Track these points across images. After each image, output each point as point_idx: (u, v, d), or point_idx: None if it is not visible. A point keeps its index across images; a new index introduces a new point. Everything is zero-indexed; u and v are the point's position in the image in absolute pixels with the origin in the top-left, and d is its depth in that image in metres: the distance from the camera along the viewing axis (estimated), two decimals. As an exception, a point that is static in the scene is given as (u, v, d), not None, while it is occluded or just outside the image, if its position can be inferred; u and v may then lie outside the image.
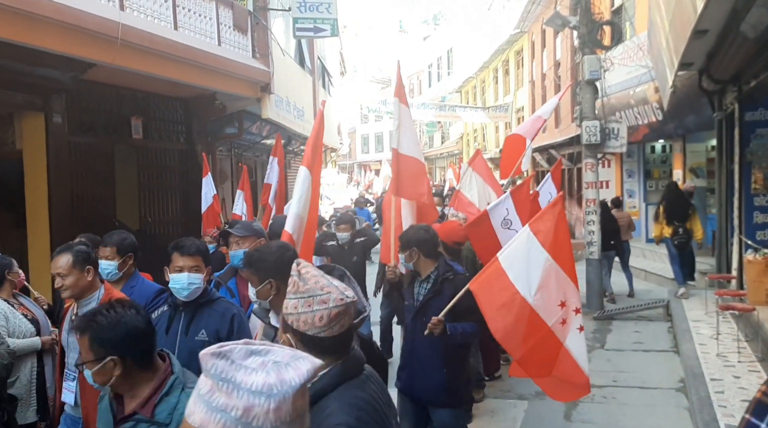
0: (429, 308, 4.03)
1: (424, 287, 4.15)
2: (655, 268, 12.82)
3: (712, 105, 9.82)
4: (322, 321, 1.83)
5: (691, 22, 4.71)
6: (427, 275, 4.14)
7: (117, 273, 3.87)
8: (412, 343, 4.14)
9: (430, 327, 3.84)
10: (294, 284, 1.88)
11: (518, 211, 6.03)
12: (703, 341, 7.37)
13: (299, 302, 1.85)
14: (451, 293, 3.96)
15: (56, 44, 6.33)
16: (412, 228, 4.40)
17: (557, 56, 20.69)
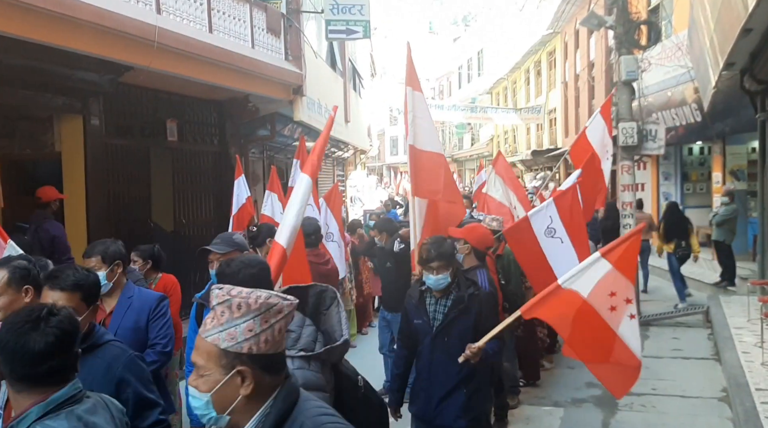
0: (453, 327, 3.68)
1: (443, 304, 3.76)
2: (692, 273, 12.50)
3: (755, 106, 9.55)
4: (280, 333, 1.65)
5: (741, 20, 4.55)
6: (445, 291, 3.75)
7: (107, 285, 3.56)
8: (430, 366, 3.76)
9: (466, 356, 3.49)
10: (239, 307, 1.62)
11: (562, 219, 5.91)
12: (746, 349, 7.14)
13: (255, 321, 1.60)
14: (477, 310, 3.69)
15: (94, 47, 6.42)
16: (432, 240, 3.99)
17: (591, 57, 20.38)
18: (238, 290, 1.67)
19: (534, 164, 26.98)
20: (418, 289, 3.84)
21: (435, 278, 3.66)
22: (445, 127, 46.33)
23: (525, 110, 26.18)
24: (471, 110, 26.86)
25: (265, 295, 1.66)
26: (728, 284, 10.87)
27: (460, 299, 3.69)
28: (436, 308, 3.76)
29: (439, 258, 3.65)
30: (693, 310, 9.58)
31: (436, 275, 3.65)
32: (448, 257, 3.69)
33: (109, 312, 3.59)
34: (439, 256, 3.65)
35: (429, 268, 3.66)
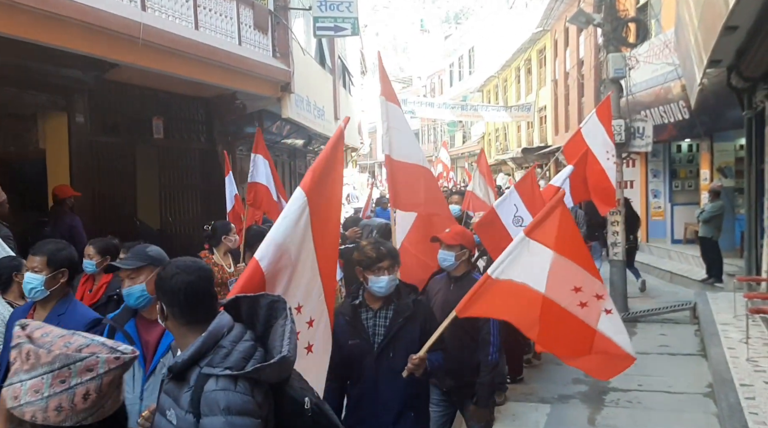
0: (398, 341, 3.28)
1: (382, 316, 3.33)
2: (680, 269, 12.58)
3: (742, 103, 9.59)
4: (87, 399, 1.25)
5: (722, 17, 4.57)
6: (385, 300, 3.33)
7: (43, 291, 3.17)
8: (376, 389, 3.28)
9: (410, 369, 3.12)
10: (27, 356, 1.25)
11: (527, 205, 5.91)
12: (732, 345, 7.18)
13: (44, 380, 1.23)
14: (423, 318, 3.36)
15: (79, 44, 6.37)
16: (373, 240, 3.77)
17: (581, 55, 20.43)
18: (46, 331, 1.31)
19: (524, 162, 27.03)
20: (349, 305, 3.38)
21: (388, 279, 3.25)
22: (436, 124, 46.39)
23: (515, 108, 26.24)
24: (462, 107, 26.91)
25: (75, 344, 1.28)
26: (715, 280, 10.93)
27: (405, 307, 3.31)
28: (375, 322, 3.32)
29: (390, 256, 3.30)
30: (680, 306, 9.62)
31: (388, 276, 3.25)
32: (396, 256, 3.36)
33: None
34: (390, 254, 3.31)
35: (379, 269, 3.24)
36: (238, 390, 1.86)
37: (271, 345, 1.97)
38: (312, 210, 2.80)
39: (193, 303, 2.07)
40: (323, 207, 2.93)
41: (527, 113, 25.51)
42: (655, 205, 15.48)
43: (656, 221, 15.50)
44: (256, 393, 1.89)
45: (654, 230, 15.54)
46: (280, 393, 2.00)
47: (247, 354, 1.93)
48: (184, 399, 1.92)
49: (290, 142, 13.60)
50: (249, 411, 1.86)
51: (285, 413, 2.00)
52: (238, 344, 1.95)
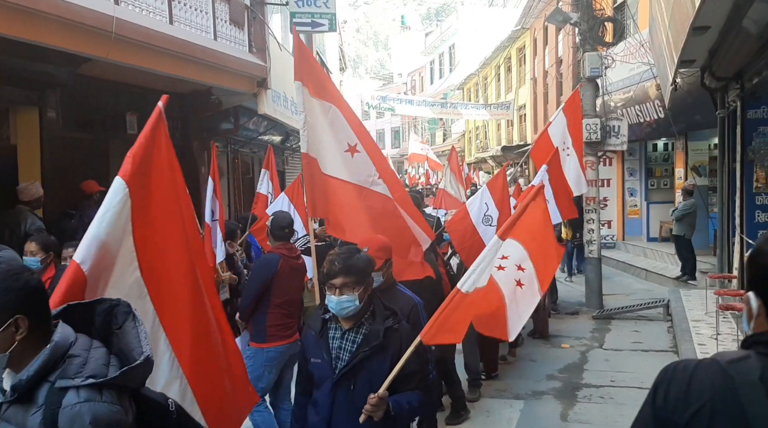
0: (361, 371, 2.80)
1: (350, 339, 2.86)
2: (656, 267, 12.75)
3: (715, 103, 9.71)
4: None
5: (690, 17, 4.62)
6: (356, 322, 2.87)
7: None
8: (329, 422, 2.85)
9: (367, 411, 2.68)
10: None
11: (497, 205, 5.94)
12: (702, 341, 7.29)
13: None
14: (397, 350, 2.84)
15: (51, 39, 6.25)
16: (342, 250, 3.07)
17: (559, 53, 20.59)
18: None
19: (504, 160, 27.17)
20: (320, 317, 2.95)
21: (337, 300, 2.77)
22: (417, 122, 46.46)
23: (495, 106, 26.36)
24: (441, 105, 26.95)
25: None
26: (689, 278, 11.10)
27: (374, 335, 2.82)
28: (341, 343, 2.86)
29: (345, 273, 2.78)
30: (654, 304, 9.75)
31: (338, 297, 2.77)
32: (357, 273, 2.81)
33: None
34: (346, 270, 2.79)
35: (331, 286, 2.80)
36: (105, 400, 1.67)
37: (126, 348, 1.79)
38: (135, 201, 2.45)
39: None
40: (154, 195, 2.57)
41: (507, 111, 25.66)
42: (631, 203, 15.68)
43: (632, 219, 15.70)
44: (123, 400, 1.73)
45: (630, 228, 15.74)
46: (141, 397, 1.85)
47: (104, 360, 1.75)
48: (32, 421, 1.69)
49: (267, 138, 13.51)
50: (118, 422, 1.68)
51: (151, 417, 1.87)
52: (90, 351, 1.75)
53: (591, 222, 10.27)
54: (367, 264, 2.92)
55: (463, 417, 5.69)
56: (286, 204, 7.02)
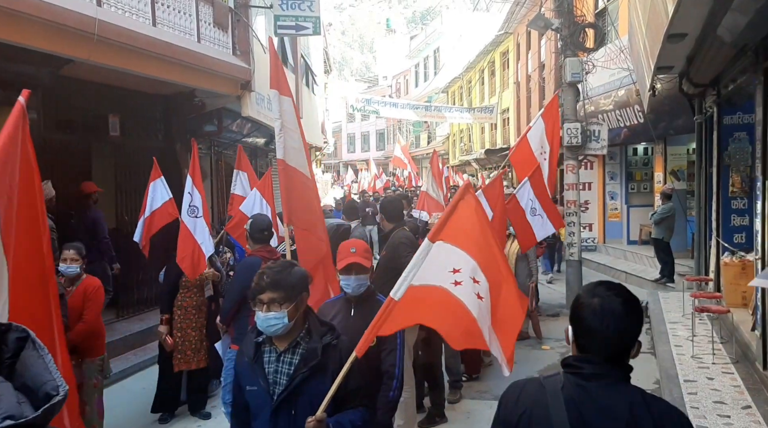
0: (302, 395, 2.61)
1: (287, 361, 2.65)
2: (635, 270, 12.91)
3: (693, 108, 9.90)
4: None
5: (665, 25, 4.72)
6: (290, 341, 2.67)
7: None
8: None
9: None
10: None
11: (493, 210, 6.03)
12: (679, 342, 7.42)
13: None
14: (337, 366, 2.64)
15: (32, 40, 6.23)
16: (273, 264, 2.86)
17: (542, 58, 20.77)
18: None
19: (488, 163, 27.35)
20: (252, 341, 2.71)
21: (264, 317, 2.59)
22: (402, 124, 46.59)
23: (479, 110, 26.52)
24: (426, 108, 27.08)
25: None
26: (668, 280, 11.25)
27: (312, 353, 2.62)
28: (278, 367, 2.65)
29: (274, 288, 2.60)
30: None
31: (265, 313, 2.58)
32: (286, 289, 2.62)
33: None
34: (274, 285, 2.60)
35: (258, 302, 2.61)
36: None
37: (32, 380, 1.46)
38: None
39: None
40: (17, 196, 2.45)
41: (490, 114, 25.82)
42: (612, 207, 15.86)
43: (613, 222, 15.88)
44: None
45: (611, 231, 15.92)
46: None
47: (16, 396, 1.43)
48: None
49: (251, 140, 13.51)
50: None
51: None
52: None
53: (572, 225, 10.39)
54: (299, 280, 2.69)
55: (438, 423, 5.74)
56: (259, 200, 6.97)
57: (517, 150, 7.38)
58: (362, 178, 29.91)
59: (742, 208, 8.57)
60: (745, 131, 8.41)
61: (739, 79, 6.96)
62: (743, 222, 8.54)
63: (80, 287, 4.78)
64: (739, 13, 4.83)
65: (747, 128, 8.30)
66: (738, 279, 7.73)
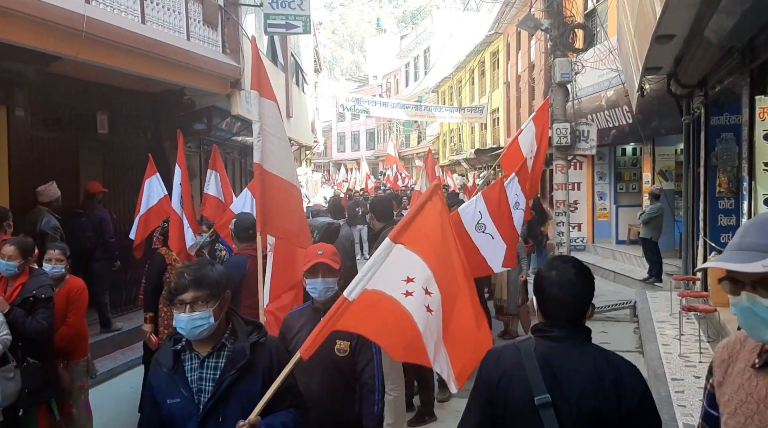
0: (231, 400, 2.42)
1: (211, 365, 2.44)
2: (623, 269, 12.99)
3: (681, 109, 9.97)
4: None
5: (652, 27, 4.76)
6: (213, 344, 2.46)
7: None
8: None
9: None
10: None
11: (492, 214, 6.04)
12: (666, 341, 7.48)
13: None
14: (267, 366, 2.48)
15: (19, 37, 6.18)
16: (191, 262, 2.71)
17: (532, 58, 20.85)
18: None
19: (478, 163, 27.43)
20: (170, 350, 2.48)
21: (188, 318, 2.36)
22: (392, 124, 46.61)
23: (469, 110, 26.59)
24: (416, 108, 27.11)
25: None
26: (656, 280, 11.33)
27: (239, 353, 2.44)
28: (202, 373, 2.43)
29: (197, 286, 2.39)
30: (621, 305, 9.94)
31: (189, 313, 2.36)
32: (210, 286, 2.42)
33: None
34: (197, 283, 2.40)
35: (180, 303, 2.38)
36: None
37: None
38: None
39: None
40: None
41: (480, 114, 25.89)
42: (600, 206, 15.95)
43: (602, 222, 15.97)
44: None
45: (599, 231, 16.01)
46: None
47: None
48: None
49: (240, 139, 13.46)
50: None
51: None
52: None
53: (561, 225, 10.43)
54: (221, 277, 2.51)
55: (427, 422, 5.75)
56: (250, 200, 6.93)
57: (507, 153, 7.39)
58: (351, 177, 29.91)
59: (729, 208, 8.63)
60: (731, 131, 8.47)
61: (726, 80, 7.03)
62: (730, 222, 8.61)
63: (64, 289, 4.68)
64: (726, 15, 4.88)
65: (734, 128, 8.37)
66: (725, 279, 7.78)
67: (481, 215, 6.02)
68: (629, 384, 2.05)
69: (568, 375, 2.06)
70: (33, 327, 4.02)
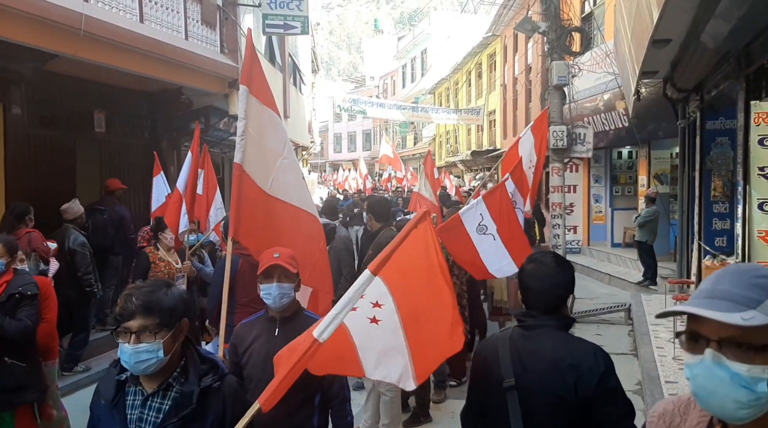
0: None
1: (155, 406, 2.09)
2: (618, 272, 13.03)
3: (676, 113, 10.01)
4: None
5: (649, 31, 4.78)
6: (161, 384, 2.10)
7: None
8: None
9: None
10: None
11: (493, 216, 6.07)
12: (660, 344, 7.50)
13: None
14: (219, 415, 2.13)
15: (17, 35, 6.18)
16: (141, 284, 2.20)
17: (529, 61, 20.90)
18: None
19: (474, 165, 27.48)
20: (113, 379, 2.14)
21: (132, 351, 2.00)
22: (388, 125, 46.62)
23: (465, 111, 26.63)
24: (413, 109, 27.13)
25: None
26: (650, 283, 11.38)
27: (186, 400, 2.08)
28: (143, 414, 2.10)
29: (146, 313, 2.03)
30: (616, 308, 9.98)
31: (134, 345, 2.00)
32: (162, 313, 2.05)
33: None
34: (146, 309, 2.03)
35: (125, 331, 2.03)
36: None
37: None
38: None
39: None
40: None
41: (477, 116, 25.94)
42: (596, 209, 15.99)
43: (597, 225, 16.02)
44: None
45: (595, 234, 16.06)
46: None
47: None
48: None
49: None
50: None
51: None
52: None
53: (557, 227, 10.45)
54: (177, 303, 2.11)
55: (422, 423, 5.76)
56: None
57: (507, 158, 7.44)
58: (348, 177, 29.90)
59: (724, 212, 8.67)
60: (727, 136, 8.51)
61: (722, 85, 7.06)
62: (725, 226, 8.65)
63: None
64: (722, 20, 4.91)
65: (729, 133, 8.41)
66: (719, 282, 7.82)
67: (482, 217, 6.06)
68: (587, 367, 2.15)
69: (532, 360, 2.21)
70: (15, 326, 3.98)
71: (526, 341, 2.26)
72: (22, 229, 6.05)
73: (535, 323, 2.27)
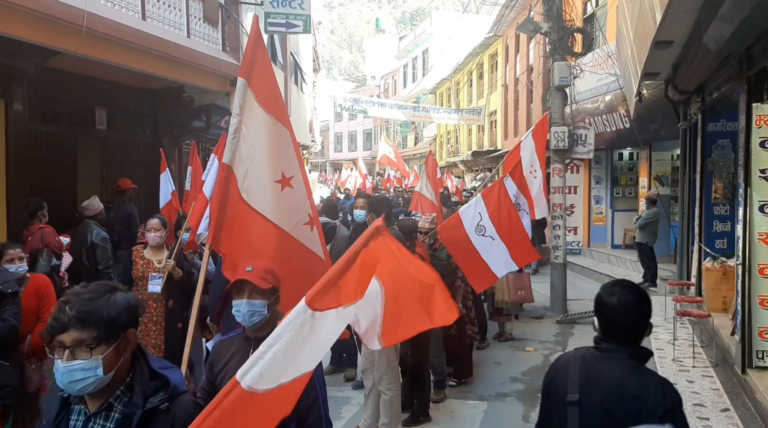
0: None
1: (98, 425, 1.88)
2: (619, 273, 13.02)
3: (678, 115, 10.01)
4: None
5: (652, 33, 4.79)
6: (104, 402, 1.88)
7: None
8: None
9: None
10: None
11: (491, 216, 6.08)
12: (660, 346, 7.51)
13: None
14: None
15: (19, 31, 6.16)
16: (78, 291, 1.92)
17: (530, 61, 20.89)
18: None
19: (474, 165, 27.47)
20: (58, 396, 1.94)
21: (65, 368, 1.78)
22: (389, 125, 46.63)
23: (466, 112, 26.61)
24: (413, 109, 27.11)
25: None
26: (650, 284, 11.37)
27: (126, 422, 1.85)
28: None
29: (82, 325, 1.78)
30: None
31: (67, 362, 1.78)
32: (101, 325, 1.80)
33: None
34: (82, 320, 1.78)
35: (59, 345, 1.80)
36: None
37: None
38: None
39: None
40: None
41: (478, 116, 25.92)
42: (597, 210, 15.99)
43: (597, 226, 16.02)
44: None
45: (595, 235, 16.06)
46: None
47: None
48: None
49: (239, 137, 13.46)
50: None
51: None
52: None
53: (557, 228, 10.47)
54: (121, 312, 1.85)
55: (421, 422, 5.77)
56: None
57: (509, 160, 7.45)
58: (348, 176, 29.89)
59: (725, 214, 8.68)
60: (728, 138, 8.53)
61: (723, 87, 7.07)
62: (725, 228, 8.66)
63: (31, 286, 4.51)
64: (725, 22, 4.91)
65: (730, 135, 8.42)
66: (719, 284, 7.84)
67: (480, 217, 6.07)
68: (652, 401, 2.19)
69: (599, 380, 2.31)
70: (1, 327, 3.94)
71: (597, 361, 2.36)
72: (35, 225, 6.20)
73: (608, 347, 2.36)
